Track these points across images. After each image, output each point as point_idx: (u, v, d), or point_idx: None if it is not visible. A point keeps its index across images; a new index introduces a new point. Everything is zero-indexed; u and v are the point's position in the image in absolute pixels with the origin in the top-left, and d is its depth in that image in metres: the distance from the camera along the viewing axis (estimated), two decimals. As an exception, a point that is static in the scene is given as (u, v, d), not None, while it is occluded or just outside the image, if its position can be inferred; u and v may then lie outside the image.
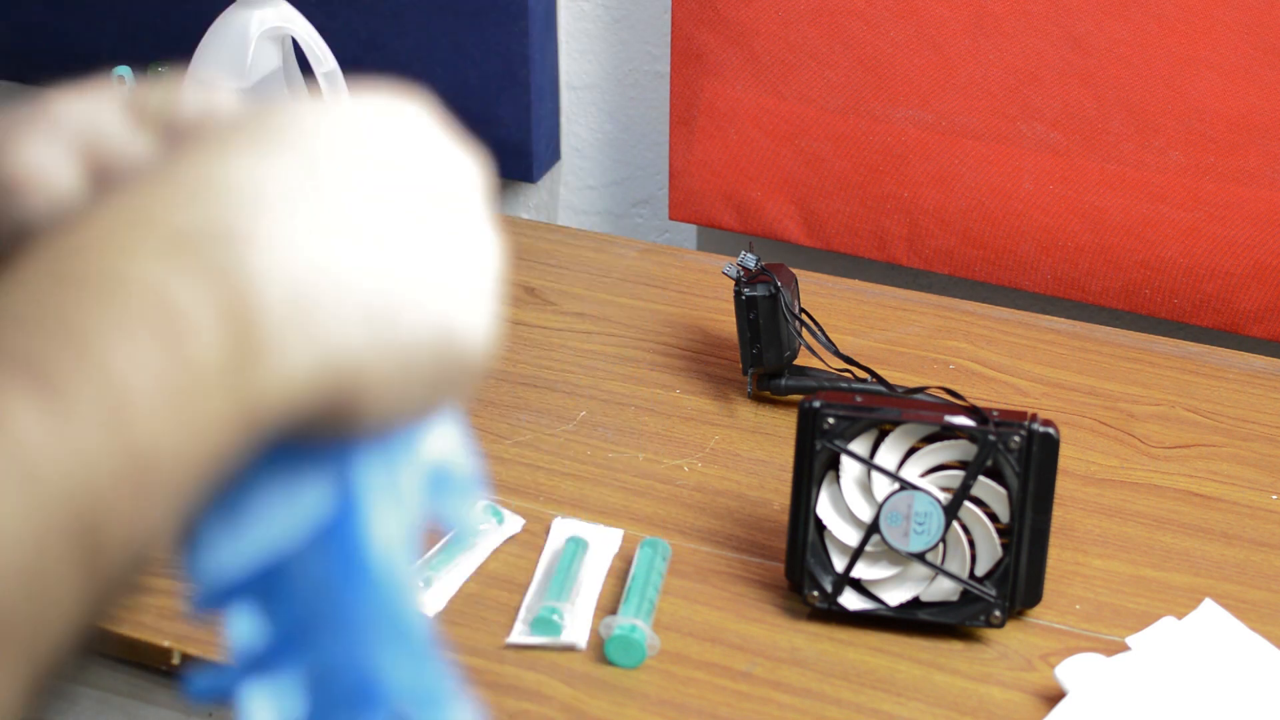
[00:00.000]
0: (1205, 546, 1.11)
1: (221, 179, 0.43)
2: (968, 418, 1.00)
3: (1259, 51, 1.27)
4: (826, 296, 1.37)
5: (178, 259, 0.40)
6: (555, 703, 0.98)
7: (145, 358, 0.39)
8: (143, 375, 0.39)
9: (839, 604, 1.02)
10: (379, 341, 0.44)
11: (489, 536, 1.11)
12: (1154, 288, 1.36)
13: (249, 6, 1.19)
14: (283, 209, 0.43)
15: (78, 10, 1.64)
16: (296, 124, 0.45)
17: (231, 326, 0.41)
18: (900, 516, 1.00)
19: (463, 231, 0.47)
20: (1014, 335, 1.33)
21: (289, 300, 0.42)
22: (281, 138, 0.44)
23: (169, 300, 0.40)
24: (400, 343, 0.44)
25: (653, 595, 1.04)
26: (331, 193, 0.44)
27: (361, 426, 0.45)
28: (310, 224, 0.43)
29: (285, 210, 0.43)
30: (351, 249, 0.44)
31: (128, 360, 0.39)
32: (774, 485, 1.16)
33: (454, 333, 0.46)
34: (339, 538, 0.47)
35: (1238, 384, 1.27)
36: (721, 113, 1.45)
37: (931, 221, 1.41)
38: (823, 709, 0.98)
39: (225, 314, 0.41)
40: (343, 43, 1.50)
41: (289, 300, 0.42)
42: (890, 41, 1.37)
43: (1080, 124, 1.34)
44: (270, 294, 0.42)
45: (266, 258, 0.42)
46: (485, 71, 1.53)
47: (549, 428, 1.22)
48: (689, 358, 1.30)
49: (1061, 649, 1.01)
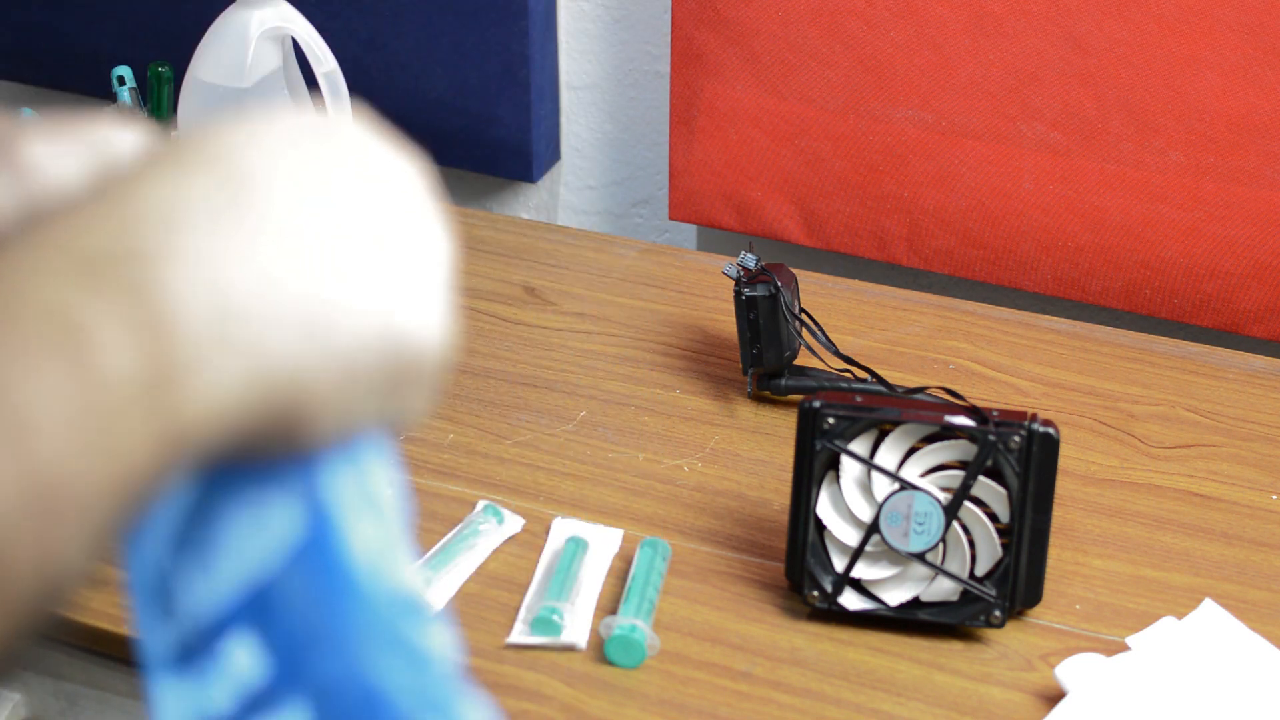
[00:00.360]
0: (1205, 546, 1.11)
1: (137, 201, 0.42)
2: (968, 418, 1.00)
3: (1259, 51, 1.27)
4: (826, 296, 1.37)
5: (85, 279, 0.39)
6: (555, 703, 0.98)
7: (49, 381, 0.38)
8: (46, 399, 0.38)
9: (839, 604, 1.02)
10: (319, 350, 0.43)
11: (489, 536, 1.11)
12: (1154, 288, 1.36)
13: (249, 6, 1.19)
14: (204, 225, 0.42)
15: (78, 10, 1.64)
16: (218, 143, 0.44)
17: (147, 345, 0.39)
18: (900, 516, 1.00)
19: (402, 232, 0.46)
20: (1014, 335, 1.33)
21: (213, 315, 0.41)
22: (202, 158, 0.44)
23: (74, 321, 0.39)
24: (342, 349, 0.44)
25: (653, 595, 1.04)
26: (257, 206, 0.43)
27: (314, 438, 0.44)
28: (234, 238, 0.42)
29: (206, 226, 0.42)
30: (281, 259, 0.43)
31: (29, 384, 0.37)
32: (774, 485, 1.16)
33: (400, 334, 0.45)
34: (318, 554, 0.46)
35: (1238, 384, 1.27)
36: (721, 113, 1.45)
37: (931, 221, 1.41)
38: (823, 709, 0.98)
39: (138, 332, 0.39)
40: (343, 43, 1.50)
41: (213, 315, 0.41)
42: (890, 41, 1.37)
43: (1080, 124, 1.34)
44: (190, 310, 0.41)
45: (184, 274, 0.41)
46: (485, 71, 1.53)
47: (549, 428, 1.22)
48: (689, 358, 1.30)
49: (1061, 649, 1.01)
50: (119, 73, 1.32)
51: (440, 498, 1.15)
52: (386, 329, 0.45)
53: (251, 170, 0.44)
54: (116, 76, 1.31)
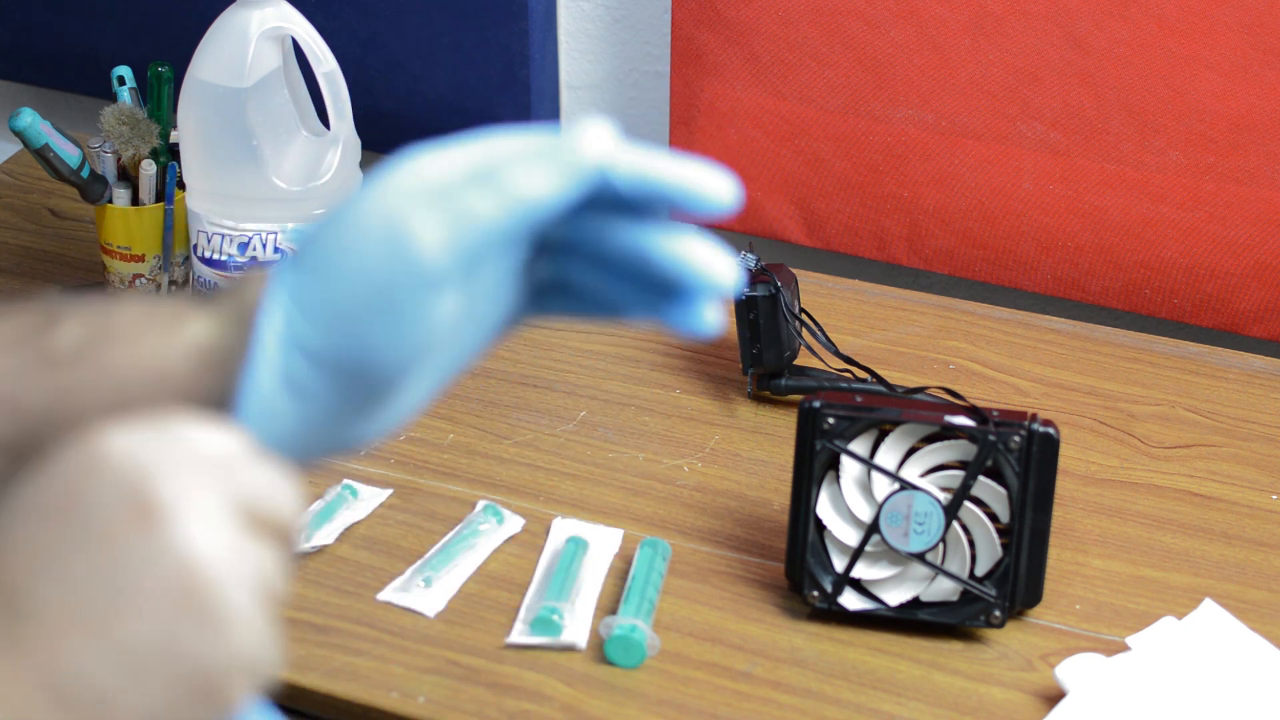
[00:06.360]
0: (1205, 546, 1.11)
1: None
2: (968, 418, 1.00)
3: (1259, 51, 1.27)
4: (826, 296, 1.37)
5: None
6: (555, 703, 0.98)
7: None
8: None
9: (839, 604, 1.02)
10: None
11: (489, 536, 1.11)
12: (1154, 288, 1.36)
13: (249, 6, 1.19)
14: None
15: (78, 10, 1.64)
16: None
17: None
18: (900, 516, 1.00)
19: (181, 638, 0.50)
20: (1014, 335, 1.33)
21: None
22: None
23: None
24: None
25: (653, 595, 1.04)
26: (26, 631, 0.49)
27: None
28: (13, 666, 0.48)
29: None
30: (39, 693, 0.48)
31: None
32: (774, 485, 1.16)
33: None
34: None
35: (1238, 384, 1.27)
36: (721, 113, 1.45)
37: (931, 221, 1.41)
38: (823, 709, 0.98)
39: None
40: (343, 43, 1.50)
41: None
42: (890, 41, 1.37)
43: (1080, 124, 1.34)
44: None
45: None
46: (485, 71, 1.53)
47: (549, 428, 1.22)
48: (689, 358, 1.30)
49: (1061, 649, 1.01)
50: (119, 73, 1.32)
51: (440, 498, 1.15)
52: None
53: (13, 576, 0.49)
54: (116, 76, 1.32)
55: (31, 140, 1.25)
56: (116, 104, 1.30)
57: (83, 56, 1.66)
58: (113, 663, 0.48)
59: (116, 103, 1.31)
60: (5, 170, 1.56)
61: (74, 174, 1.27)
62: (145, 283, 1.31)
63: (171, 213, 1.30)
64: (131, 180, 1.31)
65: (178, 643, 0.49)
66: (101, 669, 0.48)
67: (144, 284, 1.31)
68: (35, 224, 1.48)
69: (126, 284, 1.32)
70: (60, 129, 1.27)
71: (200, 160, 1.21)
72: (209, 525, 0.50)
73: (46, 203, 1.51)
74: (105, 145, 1.30)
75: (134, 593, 0.48)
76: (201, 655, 0.49)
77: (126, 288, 1.32)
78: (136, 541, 0.49)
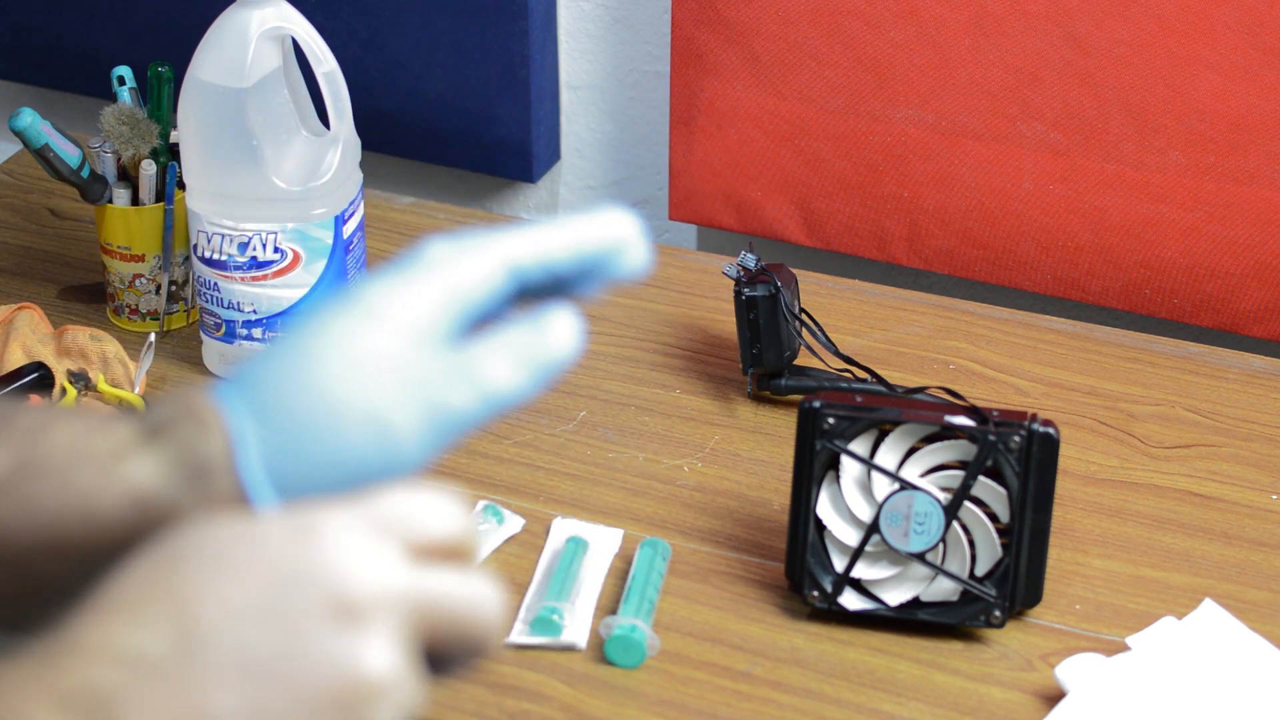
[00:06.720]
0: (1205, 546, 1.11)
1: (101, 644, 0.51)
2: (968, 418, 1.00)
3: (1259, 51, 1.27)
4: (826, 296, 1.37)
5: (65, 716, 0.49)
6: (555, 703, 0.98)
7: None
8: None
9: (839, 604, 1.02)
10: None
11: (489, 536, 1.11)
12: (1154, 288, 1.36)
13: (249, 6, 1.19)
14: (159, 679, 0.50)
15: (78, 10, 1.64)
16: (170, 593, 0.52)
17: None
18: (900, 516, 1.00)
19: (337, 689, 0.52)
20: (1014, 335, 1.33)
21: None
22: (155, 610, 0.51)
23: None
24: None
25: (653, 595, 1.04)
26: (209, 665, 0.50)
27: None
28: (185, 693, 0.50)
29: (161, 683, 0.50)
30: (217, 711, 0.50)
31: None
32: (774, 485, 1.16)
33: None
34: None
35: (1238, 384, 1.27)
36: (721, 113, 1.45)
37: (931, 221, 1.41)
38: (823, 709, 0.98)
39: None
40: (343, 43, 1.50)
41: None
42: (890, 41, 1.37)
43: (1080, 124, 1.34)
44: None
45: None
46: (485, 71, 1.53)
47: (549, 428, 1.22)
48: (689, 358, 1.30)
49: (1061, 649, 1.01)
50: (119, 73, 1.32)
51: (440, 498, 1.15)
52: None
53: (201, 624, 0.51)
54: (116, 76, 1.31)
55: (31, 140, 1.25)
56: (116, 104, 1.30)
57: (83, 56, 1.66)
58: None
59: (116, 103, 1.30)
60: (5, 170, 1.56)
61: (74, 174, 1.27)
62: (145, 282, 1.31)
63: (171, 213, 1.30)
64: (131, 180, 1.31)
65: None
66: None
67: (144, 283, 1.31)
68: (35, 224, 1.48)
69: (127, 284, 1.32)
70: (60, 129, 1.27)
71: (200, 160, 1.21)
72: (387, 645, 0.53)
73: (46, 203, 1.51)
74: (105, 145, 1.30)
75: (299, 682, 0.51)
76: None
77: (126, 288, 1.32)
78: (327, 638, 0.52)
